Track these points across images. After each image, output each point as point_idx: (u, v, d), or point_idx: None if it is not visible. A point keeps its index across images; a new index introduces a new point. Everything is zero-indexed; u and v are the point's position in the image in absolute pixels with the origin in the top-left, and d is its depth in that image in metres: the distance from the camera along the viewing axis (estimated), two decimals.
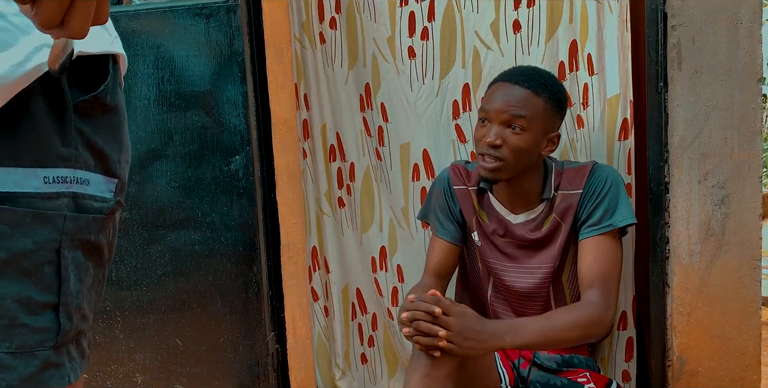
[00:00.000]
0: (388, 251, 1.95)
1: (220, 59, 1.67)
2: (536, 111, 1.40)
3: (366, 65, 1.87)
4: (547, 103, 1.42)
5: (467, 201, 1.59)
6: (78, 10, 0.54)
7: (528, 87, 1.41)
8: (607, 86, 1.68)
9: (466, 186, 1.59)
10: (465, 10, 1.79)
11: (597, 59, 1.69)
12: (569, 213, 1.48)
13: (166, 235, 1.80)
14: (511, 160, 1.41)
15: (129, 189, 1.80)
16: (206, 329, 1.82)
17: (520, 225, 1.54)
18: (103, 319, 1.88)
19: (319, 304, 2.08)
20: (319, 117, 1.98)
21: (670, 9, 1.53)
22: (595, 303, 1.38)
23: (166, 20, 1.67)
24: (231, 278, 1.79)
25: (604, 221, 1.45)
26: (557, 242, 1.51)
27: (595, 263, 1.43)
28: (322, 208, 2.02)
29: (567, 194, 1.49)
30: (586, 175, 1.48)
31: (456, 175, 1.61)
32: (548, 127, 1.44)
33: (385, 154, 1.90)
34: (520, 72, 1.47)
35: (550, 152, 1.47)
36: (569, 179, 1.49)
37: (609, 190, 1.46)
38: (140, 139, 1.76)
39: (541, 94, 1.41)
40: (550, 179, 1.50)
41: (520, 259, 1.56)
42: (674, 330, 1.60)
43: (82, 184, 0.71)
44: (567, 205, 1.48)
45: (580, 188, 1.48)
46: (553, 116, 1.44)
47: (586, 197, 1.47)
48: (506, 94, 1.41)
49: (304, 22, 1.92)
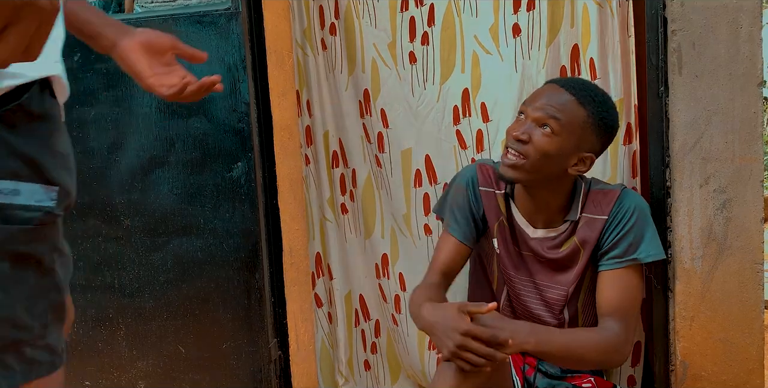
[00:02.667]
0: (390, 258, 1.94)
1: (221, 66, 1.68)
2: (573, 120, 1.35)
3: (365, 71, 1.87)
4: (589, 118, 1.36)
5: (493, 205, 1.54)
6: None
7: (574, 94, 1.37)
8: (611, 91, 1.68)
9: (493, 189, 1.54)
10: (464, 15, 1.79)
11: (599, 64, 1.69)
12: (591, 240, 1.44)
13: (168, 242, 1.80)
14: (534, 160, 1.36)
15: (132, 196, 1.80)
16: (209, 335, 1.82)
17: (537, 240, 1.51)
18: (105, 326, 1.88)
19: (323, 310, 2.08)
20: (321, 123, 1.98)
21: (670, 14, 1.53)
22: (617, 333, 1.35)
23: (168, 28, 1.68)
24: (233, 284, 1.79)
25: (629, 254, 1.41)
26: (575, 267, 1.47)
27: (616, 296, 1.39)
28: (324, 214, 2.02)
29: (591, 218, 1.44)
30: (612, 201, 1.43)
31: (483, 176, 1.55)
32: (582, 143, 1.38)
33: (385, 160, 1.90)
34: (574, 80, 1.44)
35: (578, 172, 1.41)
36: (595, 202, 1.44)
37: (636, 221, 1.40)
38: (142, 147, 1.76)
39: (586, 107, 1.36)
40: (578, 201, 1.45)
41: (535, 275, 1.53)
42: (677, 334, 1.59)
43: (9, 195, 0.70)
44: (589, 230, 1.44)
45: (605, 215, 1.43)
46: (592, 134, 1.38)
47: (610, 226, 1.42)
48: (550, 94, 1.38)
49: (306, 29, 1.93)
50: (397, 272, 1.93)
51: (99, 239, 1.85)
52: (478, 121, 1.81)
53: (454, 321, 1.26)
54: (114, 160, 1.80)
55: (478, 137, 1.82)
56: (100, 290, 1.87)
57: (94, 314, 1.89)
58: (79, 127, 1.81)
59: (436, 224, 1.86)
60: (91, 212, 1.84)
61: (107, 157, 1.81)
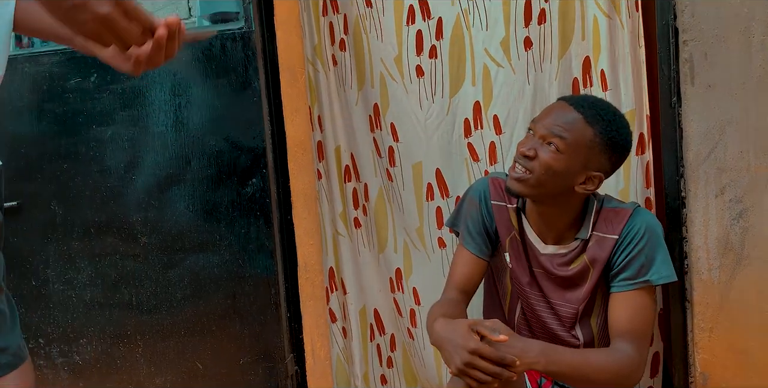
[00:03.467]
0: (404, 273, 1.94)
1: (235, 85, 1.70)
2: (580, 139, 1.34)
3: (374, 86, 1.88)
4: (596, 137, 1.35)
5: (504, 219, 1.54)
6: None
7: (582, 113, 1.35)
8: (622, 102, 1.67)
9: (505, 203, 1.54)
10: (474, 28, 1.80)
11: (610, 75, 1.69)
12: (601, 259, 1.42)
13: (185, 258, 1.81)
14: (538, 175, 1.35)
15: (148, 214, 1.83)
16: (226, 351, 1.83)
17: (547, 256, 1.50)
18: (123, 343, 1.89)
19: (338, 325, 2.08)
20: (333, 138, 1.99)
21: (681, 24, 1.53)
22: (630, 355, 1.33)
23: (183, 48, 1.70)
24: (249, 300, 1.80)
25: (640, 276, 1.38)
26: (585, 285, 1.45)
27: (628, 318, 1.37)
28: (337, 229, 2.03)
29: (601, 236, 1.42)
30: (624, 221, 1.40)
31: (495, 190, 1.55)
32: (590, 162, 1.36)
33: (396, 174, 1.90)
34: (584, 98, 1.42)
35: (586, 191, 1.39)
36: (606, 221, 1.42)
37: (647, 242, 1.38)
38: (158, 165, 1.79)
39: (594, 126, 1.35)
40: (589, 218, 1.44)
41: (546, 291, 1.52)
42: (696, 346, 1.58)
43: None
44: (600, 249, 1.42)
45: (616, 234, 1.40)
46: (600, 153, 1.36)
47: (621, 246, 1.40)
48: (558, 112, 1.37)
49: (317, 45, 1.94)
50: (411, 286, 1.93)
51: (116, 257, 1.87)
52: (491, 133, 1.81)
53: (463, 339, 1.26)
54: (131, 179, 1.83)
55: (491, 149, 1.82)
56: (118, 307, 1.88)
57: (113, 331, 1.90)
58: (96, 147, 1.84)
59: (450, 238, 1.86)
60: (109, 230, 1.86)
61: (124, 176, 1.83)
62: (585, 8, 1.70)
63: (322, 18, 1.93)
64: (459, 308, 1.47)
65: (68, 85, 1.84)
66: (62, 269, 1.92)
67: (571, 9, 1.72)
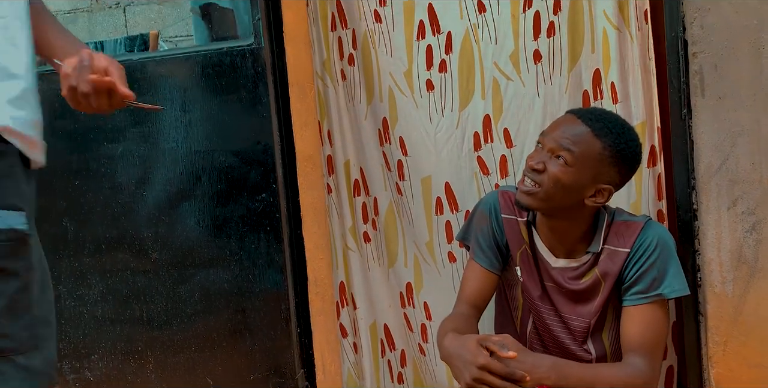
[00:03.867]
0: (415, 287, 1.93)
1: (245, 100, 1.71)
2: (588, 152, 1.34)
3: (383, 100, 1.89)
4: (605, 150, 1.34)
5: (515, 232, 1.53)
6: None
7: (590, 126, 1.35)
8: (633, 114, 1.67)
9: (516, 217, 1.53)
10: (483, 42, 1.80)
11: (620, 87, 1.68)
12: (612, 273, 1.41)
13: (195, 274, 1.82)
14: (547, 189, 1.35)
15: (159, 229, 1.84)
16: (236, 367, 1.83)
17: (558, 270, 1.49)
18: (134, 359, 1.89)
19: (348, 340, 2.07)
20: (342, 153, 2.00)
21: (690, 36, 1.53)
22: (642, 370, 1.33)
23: (193, 65, 1.72)
24: (260, 315, 1.80)
25: (652, 290, 1.38)
26: (596, 299, 1.45)
27: (641, 332, 1.37)
28: (347, 243, 2.03)
29: (613, 250, 1.42)
30: (636, 234, 1.40)
31: (506, 203, 1.54)
32: (599, 175, 1.36)
33: (405, 188, 1.90)
34: (591, 111, 1.43)
35: (595, 204, 1.38)
36: (617, 234, 1.42)
37: (659, 256, 1.38)
38: (169, 181, 1.80)
39: (602, 138, 1.34)
40: (600, 232, 1.43)
41: (558, 305, 1.51)
42: (710, 360, 1.56)
43: None
44: (611, 263, 1.41)
45: (627, 247, 1.40)
46: (609, 166, 1.36)
47: (632, 260, 1.39)
48: (566, 126, 1.37)
49: (325, 60, 1.95)
50: (422, 300, 1.92)
51: (127, 273, 1.87)
52: (502, 146, 1.81)
53: (472, 354, 1.26)
54: (141, 195, 1.84)
55: (502, 163, 1.82)
56: (129, 322, 1.89)
57: (124, 347, 1.90)
58: (108, 163, 1.85)
59: (461, 252, 1.86)
60: (120, 246, 1.87)
61: (135, 192, 1.84)
62: (594, 21, 1.70)
63: (331, 33, 1.94)
64: (470, 322, 1.47)
65: None
66: (74, 285, 1.93)
67: (580, 22, 1.72)
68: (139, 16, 3.30)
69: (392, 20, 1.84)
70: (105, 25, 3.60)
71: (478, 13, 1.79)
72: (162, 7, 3.27)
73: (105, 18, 3.63)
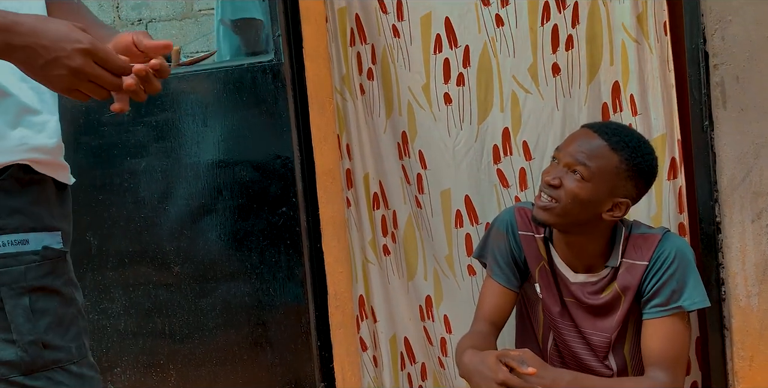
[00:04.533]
0: (434, 301, 1.93)
1: (265, 115, 1.73)
2: (605, 166, 1.35)
3: (402, 114, 1.90)
4: (622, 164, 1.35)
5: (533, 249, 1.53)
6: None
7: (607, 140, 1.36)
8: (653, 126, 1.67)
9: (533, 233, 1.53)
10: (501, 55, 1.81)
11: (640, 100, 1.68)
12: (632, 286, 1.41)
13: (216, 287, 1.83)
14: (566, 204, 1.35)
15: (181, 243, 1.85)
16: (257, 380, 1.83)
17: (578, 285, 1.48)
18: (156, 372, 1.90)
19: (368, 354, 2.07)
20: (361, 166, 2.01)
21: (711, 48, 1.52)
22: (664, 383, 1.33)
23: (214, 80, 1.75)
24: (280, 329, 1.81)
25: (672, 302, 1.37)
26: (617, 314, 1.44)
27: (662, 345, 1.37)
28: (367, 256, 2.03)
29: (631, 263, 1.41)
30: (653, 246, 1.40)
31: (522, 220, 1.54)
32: (616, 189, 1.36)
33: (425, 201, 1.90)
34: (607, 125, 1.44)
35: (613, 218, 1.39)
36: (635, 247, 1.42)
37: (678, 268, 1.37)
38: (191, 195, 1.82)
39: (619, 152, 1.35)
40: (618, 246, 1.43)
41: (578, 320, 1.50)
42: (736, 375, 1.54)
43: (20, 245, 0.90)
44: (630, 276, 1.41)
45: (645, 260, 1.40)
46: (626, 179, 1.36)
47: (651, 272, 1.39)
48: (582, 140, 1.38)
49: (344, 75, 1.97)
50: (442, 314, 1.91)
51: (150, 286, 1.89)
52: (521, 159, 1.81)
53: (491, 370, 1.26)
54: (164, 209, 1.86)
55: (521, 175, 1.82)
56: (151, 336, 1.90)
57: (146, 360, 1.92)
58: (131, 178, 1.88)
59: (480, 265, 1.85)
60: (142, 260, 1.89)
61: (157, 207, 1.86)
62: (612, 33, 1.71)
63: (350, 48, 1.96)
64: (488, 340, 1.46)
65: (104, 119, 1.89)
66: (97, 299, 1.95)
67: (598, 34, 1.73)
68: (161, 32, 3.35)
69: (410, 34, 1.86)
70: None
71: (496, 27, 1.79)
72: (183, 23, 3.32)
73: None
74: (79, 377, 0.93)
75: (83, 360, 0.95)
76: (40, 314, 0.90)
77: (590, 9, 1.72)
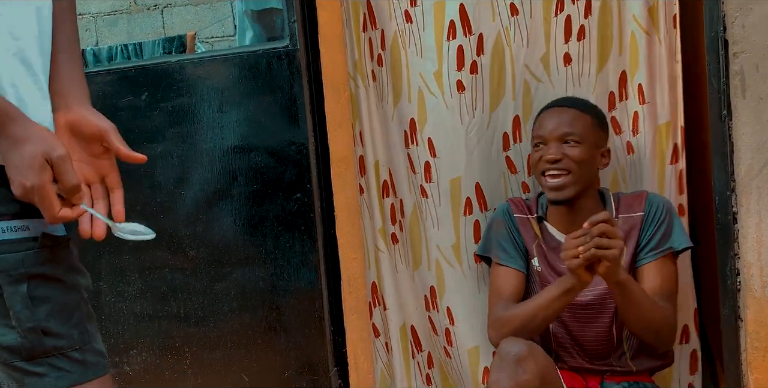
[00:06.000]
0: (437, 291, 1.92)
1: (281, 101, 1.74)
2: (586, 127, 1.57)
3: (411, 100, 1.89)
4: (593, 120, 1.59)
5: (528, 229, 1.66)
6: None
7: (575, 107, 1.59)
8: (658, 114, 1.72)
9: (526, 215, 1.67)
10: (515, 44, 1.80)
11: (647, 89, 1.72)
12: (632, 235, 1.56)
13: (231, 272, 1.85)
14: (576, 170, 1.53)
15: (196, 228, 1.87)
16: (271, 364, 1.85)
17: None
18: (171, 355, 1.93)
19: (381, 340, 2.08)
20: (372, 153, 2.00)
21: (731, 36, 1.50)
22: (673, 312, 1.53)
23: (230, 66, 1.75)
24: (294, 313, 1.82)
25: (663, 244, 1.55)
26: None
27: (661, 282, 1.52)
28: (377, 244, 2.04)
29: (628, 216, 1.58)
30: (644, 199, 1.59)
31: (516, 206, 1.69)
32: (598, 142, 1.60)
33: (432, 190, 1.89)
34: (564, 99, 1.67)
35: (606, 166, 1.61)
36: (627, 205, 1.60)
37: (666, 214, 1.57)
38: (206, 181, 1.83)
39: (587, 113, 1.59)
40: (610, 202, 1.60)
41: None
42: (749, 366, 1.53)
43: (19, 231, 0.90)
44: (629, 227, 1.57)
45: (641, 211, 1.58)
46: (600, 132, 1.61)
47: (647, 219, 1.57)
48: (557, 116, 1.59)
49: (357, 61, 1.96)
50: (445, 305, 1.91)
51: (165, 270, 1.91)
52: (529, 146, 1.82)
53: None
54: (180, 194, 1.87)
55: (529, 162, 1.83)
56: (167, 319, 1.93)
57: (161, 342, 1.94)
58: (147, 164, 1.88)
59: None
60: (158, 244, 1.91)
61: (173, 191, 1.88)
62: (623, 24, 1.74)
63: (362, 34, 1.95)
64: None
65: (120, 104, 1.90)
66: (114, 282, 1.98)
67: (609, 25, 1.75)
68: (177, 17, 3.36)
69: (422, 20, 1.84)
70: (143, 26, 3.67)
71: (511, 16, 1.79)
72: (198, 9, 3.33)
73: (143, 20, 3.70)
74: (81, 364, 0.93)
75: (86, 346, 0.94)
76: (40, 301, 0.90)
77: (602, 0, 1.73)
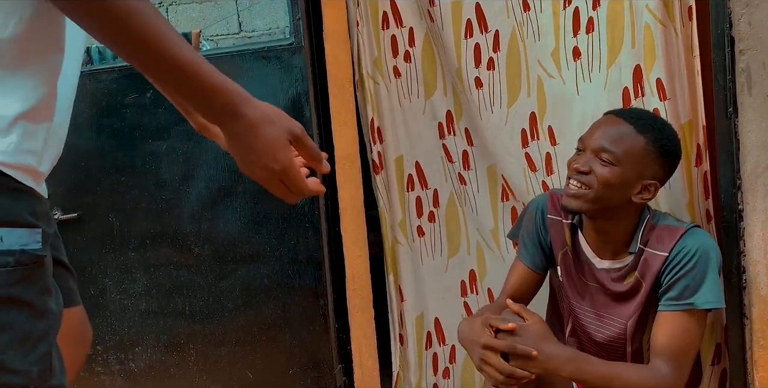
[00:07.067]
0: (478, 274, 1.96)
1: (285, 98, 1.74)
2: (633, 149, 1.36)
3: (447, 94, 1.93)
4: (648, 145, 1.36)
5: (559, 234, 1.54)
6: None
7: (632, 124, 1.37)
8: (680, 112, 1.64)
9: (560, 218, 1.54)
10: (528, 40, 1.81)
11: (668, 84, 1.63)
12: (651, 276, 1.41)
13: (236, 269, 1.85)
14: (597, 189, 1.35)
15: (202, 225, 1.87)
16: (276, 361, 1.86)
17: (603, 271, 1.48)
18: (177, 352, 1.94)
19: (395, 331, 2.10)
20: (394, 148, 2.02)
21: (737, 33, 1.49)
22: (664, 375, 1.32)
23: (234, 63, 1.75)
24: (299, 310, 1.83)
25: (684, 298, 1.36)
26: (636, 301, 1.44)
27: (668, 338, 1.36)
28: (397, 237, 2.05)
29: (652, 253, 1.41)
30: (675, 239, 1.39)
31: (553, 205, 1.56)
32: (644, 171, 1.37)
33: (471, 177, 1.95)
34: (631, 110, 1.46)
35: (643, 201, 1.39)
36: (658, 238, 1.41)
37: (696, 264, 1.35)
38: (211, 178, 1.83)
39: (645, 135, 1.36)
40: (639, 232, 1.43)
41: (598, 306, 1.50)
42: (755, 364, 1.53)
43: None
44: (649, 266, 1.41)
45: (666, 252, 1.39)
46: (653, 161, 1.37)
47: (669, 265, 1.38)
48: (607, 126, 1.39)
49: (376, 59, 1.98)
50: (486, 287, 1.95)
51: (170, 267, 1.92)
52: (546, 144, 1.82)
53: (477, 335, 1.30)
54: (185, 191, 1.88)
55: (547, 160, 1.82)
56: (171, 316, 1.93)
57: (166, 339, 1.95)
58: (152, 160, 1.89)
59: None
60: (163, 241, 1.91)
61: (178, 189, 1.88)
62: (635, 15, 1.67)
63: (382, 31, 1.96)
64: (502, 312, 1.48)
65: (126, 101, 1.91)
66: (119, 279, 1.99)
67: (619, 16, 1.70)
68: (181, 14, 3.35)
69: (441, 19, 1.86)
70: None
71: (523, 12, 1.79)
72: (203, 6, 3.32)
73: None
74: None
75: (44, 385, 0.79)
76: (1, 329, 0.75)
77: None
